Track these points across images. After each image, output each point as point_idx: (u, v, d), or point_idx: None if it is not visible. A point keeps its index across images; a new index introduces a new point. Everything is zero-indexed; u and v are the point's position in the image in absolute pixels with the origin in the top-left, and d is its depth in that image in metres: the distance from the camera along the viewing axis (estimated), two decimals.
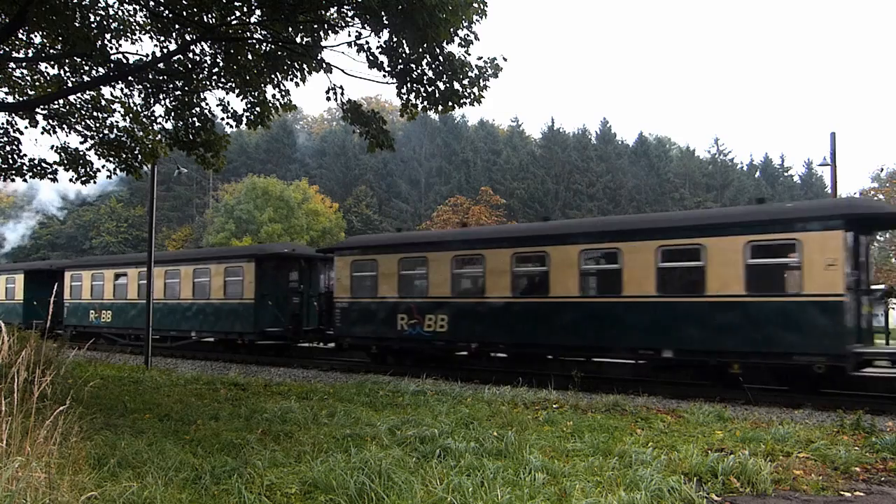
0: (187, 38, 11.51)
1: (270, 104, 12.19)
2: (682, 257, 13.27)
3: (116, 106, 12.93)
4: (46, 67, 12.76)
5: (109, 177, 13.91)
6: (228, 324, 21.00)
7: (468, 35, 9.75)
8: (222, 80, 11.89)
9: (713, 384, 12.94)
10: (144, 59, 11.60)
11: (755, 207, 13.69)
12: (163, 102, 12.55)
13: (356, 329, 17.82)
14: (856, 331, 11.80)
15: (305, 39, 10.89)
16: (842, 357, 11.34)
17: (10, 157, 13.10)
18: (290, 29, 10.66)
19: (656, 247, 13.35)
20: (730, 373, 12.66)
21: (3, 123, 13.05)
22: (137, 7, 11.70)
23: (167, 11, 11.24)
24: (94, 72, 12.26)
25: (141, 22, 12.03)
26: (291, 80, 11.60)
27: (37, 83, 12.87)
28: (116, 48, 12.04)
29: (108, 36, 11.78)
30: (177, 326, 22.60)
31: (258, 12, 10.68)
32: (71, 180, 13.36)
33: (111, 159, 13.15)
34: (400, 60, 10.15)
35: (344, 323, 18.05)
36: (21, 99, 12.90)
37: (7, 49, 11.90)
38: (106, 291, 25.45)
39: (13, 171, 13.19)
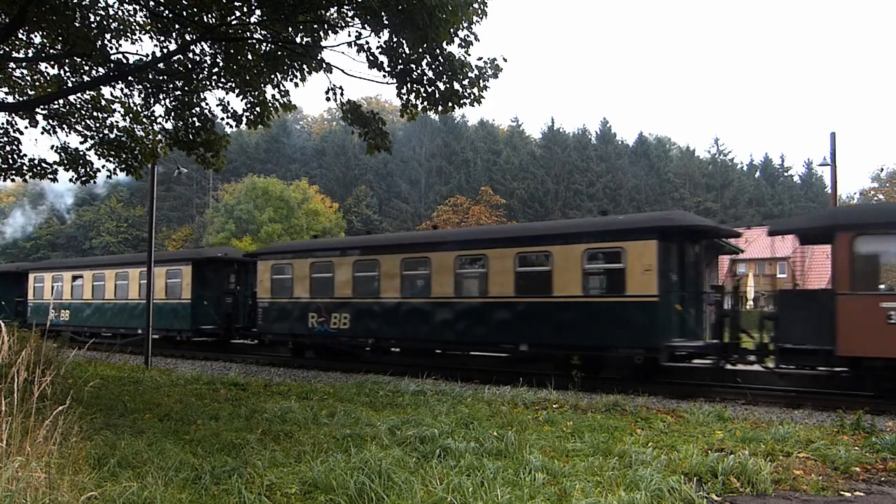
0: (187, 38, 11.52)
1: (270, 104, 12.19)
2: (534, 263, 15.09)
3: (116, 106, 12.95)
4: (46, 67, 12.76)
5: (109, 177, 13.92)
6: (169, 322, 22.54)
7: (468, 35, 9.76)
8: (222, 80, 11.90)
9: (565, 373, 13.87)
10: (144, 59, 11.60)
11: (592, 220, 15.84)
12: (163, 102, 12.56)
13: (275, 326, 19.54)
14: (672, 327, 13.34)
15: (305, 39, 10.90)
16: (656, 350, 13.02)
17: (10, 157, 13.10)
18: (290, 29, 10.66)
19: (515, 253, 15.14)
20: (571, 363, 14.17)
21: (3, 123, 13.07)
22: (137, 7, 11.70)
23: (167, 11, 11.24)
24: (94, 72, 12.26)
25: (141, 22, 12.04)
26: (291, 80, 11.60)
27: (37, 83, 12.87)
28: (116, 48, 12.05)
29: (108, 36, 11.79)
30: (126, 324, 24.04)
31: (258, 12, 10.69)
32: (71, 180, 13.37)
33: (111, 159, 13.15)
34: (400, 60, 10.15)
35: (265, 321, 19.73)
36: (21, 99, 12.91)
37: (7, 49, 11.90)
38: (65, 292, 27.14)
39: (13, 171, 13.19)
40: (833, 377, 12.32)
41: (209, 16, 10.99)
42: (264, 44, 11.25)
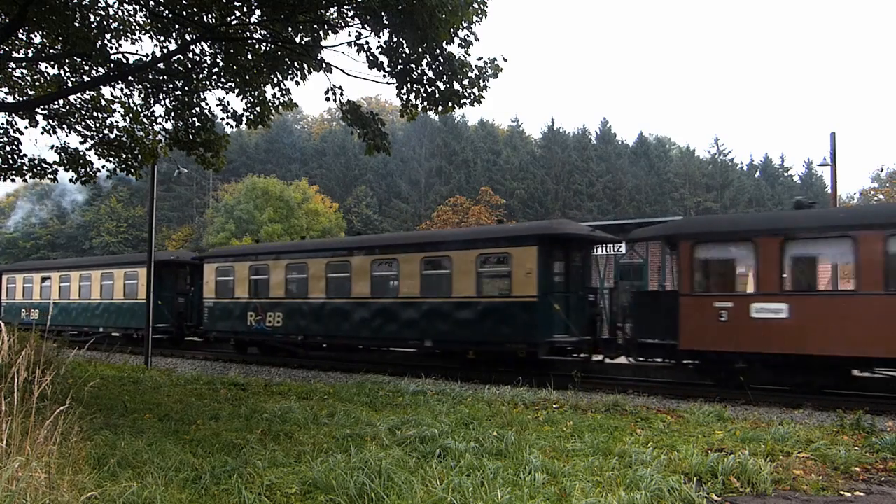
0: (187, 38, 11.51)
1: (270, 104, 12.19)
2: (437, 266, 16.50)
3: (116, 106, 12.95)
4: (46, 67, 12.76)
5: (109, 177, 13.92)
6: (127, 320, 24.13)
7: (468, 35, 9.75)
8: (222, 80, 11.89)
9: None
10: (144, 59, 11.60)
11: (485, 228, 18.71)
12: (163, 102, 12.56)
13: (219, 325, 21.09)
14: (550, 324, 14.66)
15: (305, 39, 10.89)
16: (536, 345, 14.47)
17: (10, 157, 13.10)
18: (290, 29, 10.66)
19: (421, 258, 16.67)
20: (467, 358, 16.27)
21: (3, 123, 13.07)
22: (137, 7, 11.70)
23: (167, 11, 11.24)
24: (94, 72, 12.26)
25: (141, 22, 12.04)
26: (291, 79, 11.60)
27: (37, 83, 12.87)
28: (116, 48, 12.05)
29: (108, 36, 11.78)
30: (89, 323, 25.43)
31: (258, 12, 10.68)
32: (71, 180, 13.37)
33: (111, 159, 13.16)
34: (400, 60, 10.14)
35: (210, 319, 21.32)
36: (21, 99, 12.91)
37: (7, 49, 11.90)
38: (34, 293, 28.90)
39: (13, 171, 13.19)
40: (682, 368, 13.85)
41: (209, 16, 10.99)
42: (264, 44, 11.24)
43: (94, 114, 12.95)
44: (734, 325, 12.41)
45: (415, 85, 10.41)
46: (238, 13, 10.82)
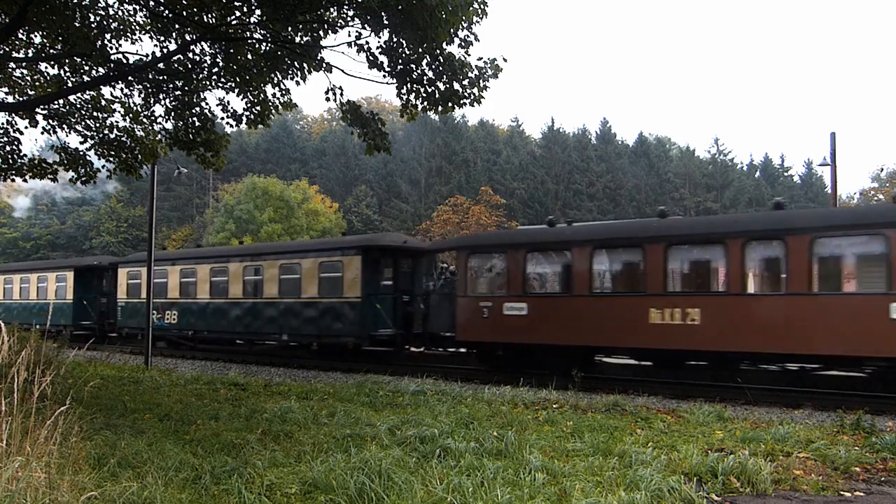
0: (187, 38, 11.51)
1: (270, 103, 12.18)
2: (291, 271, 19.55)
3: (116, 106, 12.93)
4: (46, 67, 12.75)
5: (109, 177, 13.91)
6: (57, 318, 26.94)
7: (468, 35, 9.74)
8: (222, 80, 11.88)
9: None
10: (144, 59, 11.59)
11: (324, 240, 23.14)
12: (163, 102, 12.54)
13: (130, 322, 24.21)
14: (372, 321, 17.63)
15: (305, 39, 10.89)
16: (360, 337, 17.74)
17: (10, 157, 13.09)
18: (290, 29, 10.65)
19: (279, 264, 19.81)
20: (312, 349, 19.70)
21: (3, 123, 13.06)
22: (137, 7, 11.69)
23: (167, 11, 11.24)
24: (94, 72, 12.25)
25: (141, 22, 12.03)
26: (291, 79, 11.60)
27: (37, 83, 12.86)
28: (116, 48, 12.04)
29: (108, 36, 11.77)
30: (27, 321, 26.55)
31: (258, 12, 10.67)
32: (71, 180, 13.36)
33: (111, 159, 13.14)
34: (400, 61, 10.14)
35: (123, 317, 24.57)
36: (21, 99, 12.90)
37: (7, 49, 11.90)
38: None
39: (13, 171, 13.18)
40: (468, 355, 17.25)
41: (209, 16, 10.98)
42: (264, 44, 11.23)
43: (94, 114, 12.93)
44: (494, 320, 15.36)
45: (415, 85, 10.41)
46: (238, 13, 10.81)
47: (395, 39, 9.88)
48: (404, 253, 18.97)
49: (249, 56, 11.41)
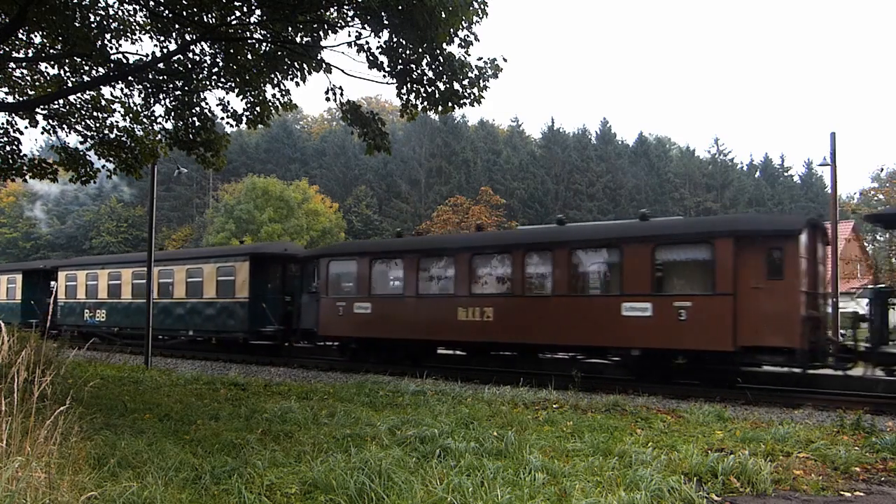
0: (187, 38, 11.50)
1: (270, 104, 12.18)
2: (195, 275, 22.48)
3: (116, 106, 12.93)
4: (46, 67, 12.75)
5: (109, 177, 13.90)
6: (7, 317, 27.43)
7: (468, 35, 9.73)
8: (222, 80, 11.88)
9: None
10: (144, 59, 11.59)
11: (221, 248, 25.67)
12: (163, 102, 12.54)
13: (68, 319, 27.28)
14: (258, 318, 20.49)
15: (305, 39, 10.88)
16: (248, 332, 20.58)
17: (10, 157, 13.09)
18: (290, 29, 10.64)
19: (185, 269, 22.84)
20: (212, 342, 22.29)
21: (3, 123, 13.06)
22: (137, 7, 11.69)
23: (167, 11, 11.23)
24: (94, 72, 12.25)
25: (141, 22, 12.03)
26: (291, 79, 11.59)
27: (37, 83, 12.86)
28: (116, 48, 12.04)
29: (108, 36, 11.77)
30: None
31: (258, 12, 10.67)
32: (71, 180, 13.36)
33: (111, 159, 13.14)
34: (400, 61, 10.13)
35: (62, 316, 27.40)
36: (21, 99, 12.89)
37: (7, 49, 11.89)
38: None
39: (13, 171, 13.17)
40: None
41: (209, 16, 10.97)
42: (264, 44, 11.23)
43: (94, 114, 12.93)
44: (346, 318, 17.95)
45: (415, 85, 10.40)
46: (238, 13, 10.81)
47: (395, 39, 9.87)
48: (290, 259, 21.49)
49: (249, 56, 11.40)
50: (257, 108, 12.14)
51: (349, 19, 10.30)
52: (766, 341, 12.27)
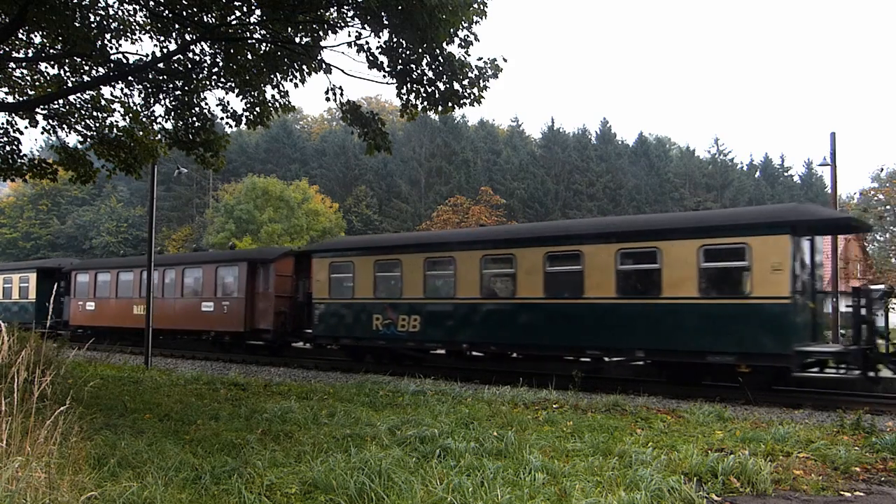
0: (187, 38, 11.50)
1: (270, 104, 12.18)
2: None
3: (116, 106, 12.93)
4: (46, 67, 12.74)
5: (109, 177, 13.90)
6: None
7: (468, 36, 9.74)
8: (222, 80, 11.88)
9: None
10: (144, 59, 11.59)
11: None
12: (163, 102, 12.54)
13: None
14: (45, 312, 25.40)
15: (305, 39, 10.89)
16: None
17: (10, 157, 13.09)
18: (290, 29, 10.65)
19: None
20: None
21: (3, 123, 13.05)
22: (137, 7, 11.69)
23: (167, 11, 11.23)
24: (94, 72, 12.25)
25: (141, 22, 12.02)
26: (291, 80, 11.59)
27: (37, 83, 12.85)
28: (116, 48, 12.04)
29: (108, 36, 11.77)
30: None
31: (258, 12, 10.67)
32: (71, 180, 13.35)
33: (111, 159, 13.14)
34: (400, 61, 10.13)
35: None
36: (21, 99, 12.89)
37: (7, 49, 11.89)
38: None
39: (13, 171, 13.17)
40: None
41: (209, 16, 10.97)
42: (264, 44, 11.23)
43: (94, 114, 12.93)
44: (82, 312, 25.23)
45: (415, 85, 10.40)
46: (238, 13, 10.81)
47: (395, 39, 9.88)
48: (59, 271, 26.04)
49: (249, 56, 11.40)
50: (257, 109, 12.14)
51: (349, 19, 10.31)
52: None
